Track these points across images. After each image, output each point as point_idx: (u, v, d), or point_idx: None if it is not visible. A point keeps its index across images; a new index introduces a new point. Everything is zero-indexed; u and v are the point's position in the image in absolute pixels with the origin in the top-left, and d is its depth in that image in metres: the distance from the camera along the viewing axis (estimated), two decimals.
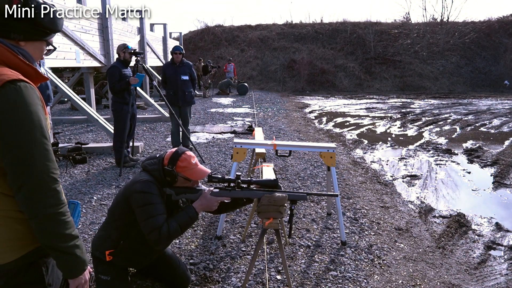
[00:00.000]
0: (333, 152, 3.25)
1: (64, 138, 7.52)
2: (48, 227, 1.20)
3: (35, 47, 1.31)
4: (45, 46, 1.36)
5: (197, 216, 2.11)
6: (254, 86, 21.50)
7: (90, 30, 8.22)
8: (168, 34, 17.34)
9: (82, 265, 1.31)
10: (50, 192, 1.19)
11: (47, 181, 1.19)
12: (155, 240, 2.01)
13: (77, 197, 4.31)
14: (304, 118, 11.32)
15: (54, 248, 1.24)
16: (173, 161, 2.12)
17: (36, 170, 1.16)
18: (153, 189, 2.07)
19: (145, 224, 2.03)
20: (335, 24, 26.58)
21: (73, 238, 1.26)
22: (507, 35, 24.19)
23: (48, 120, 1.36)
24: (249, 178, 2.21)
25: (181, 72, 6.05)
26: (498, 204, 4.72)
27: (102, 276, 2.25)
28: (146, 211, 2.03)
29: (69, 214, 1.27)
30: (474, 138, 8.63)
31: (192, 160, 2.14)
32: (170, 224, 2.03)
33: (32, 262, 1.30)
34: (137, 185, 2.08)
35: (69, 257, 1.26)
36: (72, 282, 1.32)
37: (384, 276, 2.84)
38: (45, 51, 1.38)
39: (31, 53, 1.30)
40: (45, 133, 1.21)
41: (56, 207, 1.21)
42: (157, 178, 2.14)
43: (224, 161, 5.96)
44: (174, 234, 2.04)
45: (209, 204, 2.11)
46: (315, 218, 3.83)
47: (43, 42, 1.33)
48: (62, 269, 1.30)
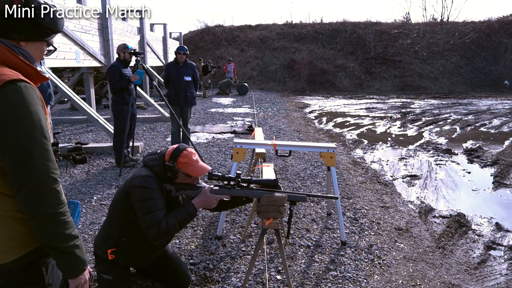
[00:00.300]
0: (333, 152, 3.25)
1: (64, 138, 7.53)
2: (48, 227, 1.21)
3: (35, 48, 1.31)
4: (46, 46, 1.36)
5: (196, 213, 2.11)
6: (254, 86, 21.50)
7: (90, 30, 8.22)
8: (168, 34, 17.34)
9: (82, 265, 1.31)
10: (50, 192, 1.19)
11: (47, 181, 1.19)
12: (153, 235, 2.02)
13: (77, 197, 4.31)
14: (304, 118, 11.32)
15: (54, 248, 1.24)
16: (174, 157, 2.13)
17: (36, 170, 1.17)
18: (153, 184, 2.08)
19: (144, 219, 2.04)
20: (335, 24, 26.59)
21: (73, 238, 1.26)
22: (507, 35, 24.19)
23: (48, 120, 1.36)
24: (249, 177, 2.21)
25: (185, 73, 6.04)
26: (498, 204, 4.72)
27: (104, 275, 2.25)
28: (145, 206, 2.04)
29: (69, 214, 1.27)
30: (474, 138, 8.63)
31: (193, 156, 2.15)
32: (168, 220, 2.04)
33: (32, 262, 1.30)
34: (137, 180, 2.09)
35: (69, 257, 1.26)
36: (72, 282, 1.32)
37: (384, 276, 2.84)
38: (46, 52, 1.38)
39: (32, 53, 1.30)
40: (45, 133, 1.21)
41: (56, 207, 1.21)
42: (157, 173, 2.14)
43: (224, 161, 5.96)
44: (173, 230, 2.05)
45: (209, 201, 2.11)
46: (315, 218, 3.83)
47: (43, 42, 1.33)
48: (62, 269, 1.30)
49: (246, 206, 4.07)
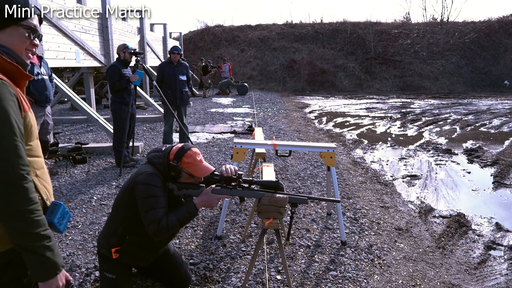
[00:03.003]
0: (333, 152, 3.25)
1: (64, 138, 7.53)
2: (15, 224, 1.17)
3: (9, 35, 1.24)
4: (25, 32, 1.27)
5: (197, 212, 2.13)
6: (254, 86, 21.51)
7: (90, 30, 8.22)
8: (168, 34, 17.35)
9: (53, 268, 1.24)
10: (17, 189, 1.17)
11: (14, 177, 1.16)
12: (153, 232, 2.06)
13: (77, 197, 4.31)
14: (304, 118, 11.32)
15: (22, 247, 1.20)
16: (178, 157, 2.14)
17: (1, 166, 1.15)
18: (157, 181, 2.10)
19: (145, 216, 2.07)
20: (335, 24, 26.59)
21: (43, 238, 1.21)
22: (507, 35, 24.19)
23: (31, 118, 1.31)
24: (250, 178, 2.22)
25: (179, 72, 6.10)
26: (498, 204, 4.72)
27: (107, 274, 2.26)
28: (148, 202, 2.06)
29: (40, 213, 1.22)
30: (474, 138, 8.63)
31: (197, 156, 2.16)
32: (169, 218, 2.07)
33: (9, 262, 1.27)
34: (142, 177, 2.11)
35: (38, 257, 1.21)
36: (41, 286, 1.25)
37: (384, 276, 2.84)
38: (30, 38, 1.29)
39: (7, 43, 1.24)
40: (15, 129, 1.19)
41: (22, 204, 1.17)
42: (161, 171, 2.16)
43: (224, 161, 5.96)
44: (173, 228, 2.08)
45: (210, 201, 2.13)
46: (315, 218, 3.83)
47: (17, 27, 1.25)
48: (31, 270, 1.24)
49: (246, 206, 4.07)
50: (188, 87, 6.29)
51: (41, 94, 4.27)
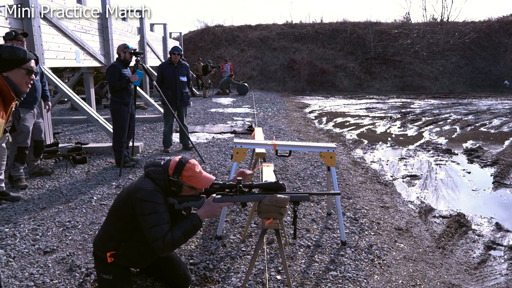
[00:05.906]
0: (333, 152, 3.25)
1: (64, 138, 7.52)
2: None
3: (14, 74, 1.90)
4: (24, 71, 1.91)
5: (201, 224, 2.12)
6: (254, 86, 21.50)
7: (90, 30, 8.22)
8: (168, 34, 17.35)
9: None
10: None
11: None
12: (159, 248, 2.04)
13: (77, 197, 4.31)
14: (304, 118, 11.32)
15: None
16: (178, 171, 2.12)
17: None
18: (158, 198, 2.08)
19: (149, 232, 2.05)
20: (335, 24, 26.59)
21: None
22: (507, 35, 24.19)
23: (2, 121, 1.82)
24: (250, 182, 2.21)
25: (180, 73, 6.10)
26: (498, 204, 4.72)
27: (103, 275, 2.26)
28: (151, 219, 2.05)
29: None
30: (474, 138, 8.63)
31: (196, 168, 2.15)
32: (174, 232, 2.05)
33: None
34: (143, 193, 2.08)
35: None
36: None
37: (384, 276, 2.84)
38: (28, 76, 1.93)
39: (13, 79, 1.89)
40: None
41: None
42: (162, 187, 2.14)
43: (224, 161, 5.96)
44: (178, 242, 2.07)
45: (213, 210, 2.12)
46: (315, 218, 3.83)
47: (19, 70, 1.90)
48: None
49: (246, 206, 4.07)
50: (188, 88, 6.30)
51: (30, 96, 4.31)
